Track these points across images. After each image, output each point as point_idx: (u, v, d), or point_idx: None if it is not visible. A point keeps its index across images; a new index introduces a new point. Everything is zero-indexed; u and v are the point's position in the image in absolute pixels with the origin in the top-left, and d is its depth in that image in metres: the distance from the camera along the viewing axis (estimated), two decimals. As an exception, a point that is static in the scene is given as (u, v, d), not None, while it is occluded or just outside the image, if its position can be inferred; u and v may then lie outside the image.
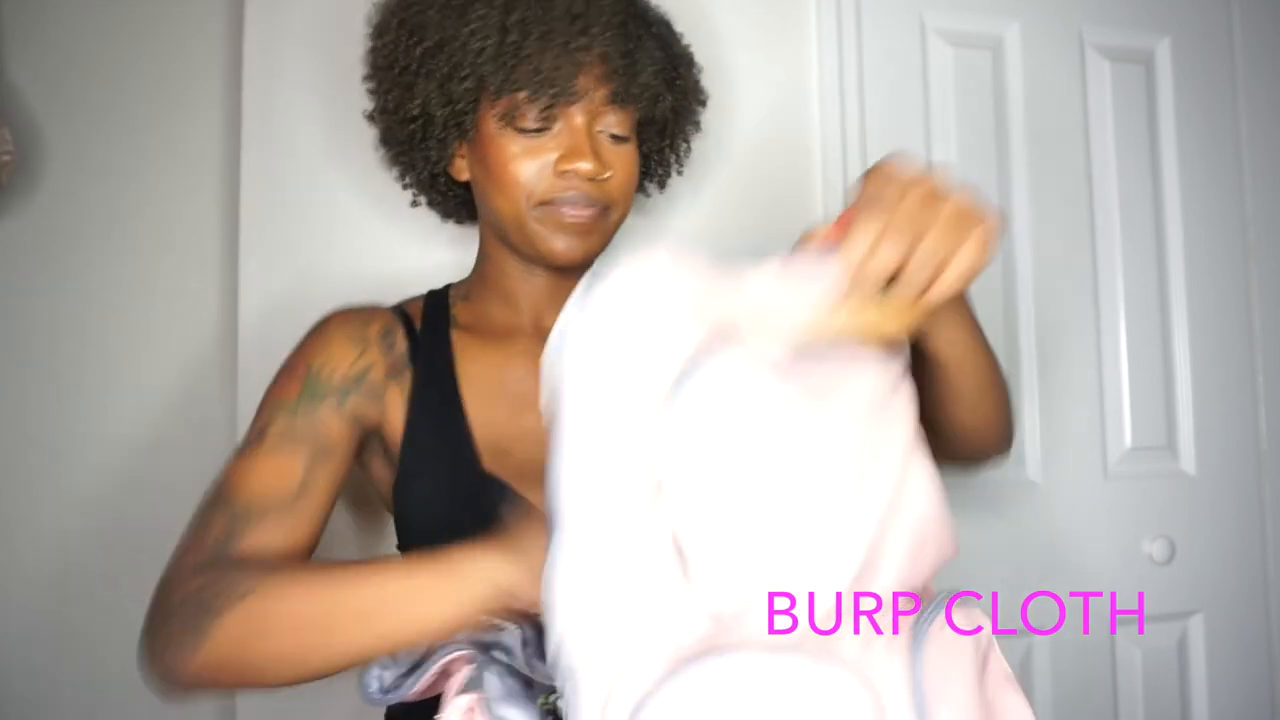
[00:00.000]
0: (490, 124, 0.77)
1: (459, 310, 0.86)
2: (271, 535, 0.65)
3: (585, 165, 0.74)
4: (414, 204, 0.95)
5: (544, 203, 0.76)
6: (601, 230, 0.79)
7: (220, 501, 0.66)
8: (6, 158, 1.01)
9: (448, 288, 0.89)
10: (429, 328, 0.82)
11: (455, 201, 0.93)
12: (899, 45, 1.28)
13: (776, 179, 1.23)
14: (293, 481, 0.67)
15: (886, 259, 0.52)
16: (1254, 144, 1.42)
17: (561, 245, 0.77)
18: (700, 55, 0.95)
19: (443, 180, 0.89)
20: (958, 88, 1.30)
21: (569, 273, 0.82)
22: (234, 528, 0.64)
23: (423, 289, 0.90)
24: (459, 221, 0.99)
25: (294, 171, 1.07)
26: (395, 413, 0.77)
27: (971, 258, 0.53)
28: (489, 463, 0.75)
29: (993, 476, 1.27)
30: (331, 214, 1.08)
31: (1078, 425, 1.31)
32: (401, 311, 0.83)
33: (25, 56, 1.09)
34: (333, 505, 0.72)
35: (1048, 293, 1.30)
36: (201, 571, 0.61)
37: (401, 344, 0.80)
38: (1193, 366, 1.36)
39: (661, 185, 0.97)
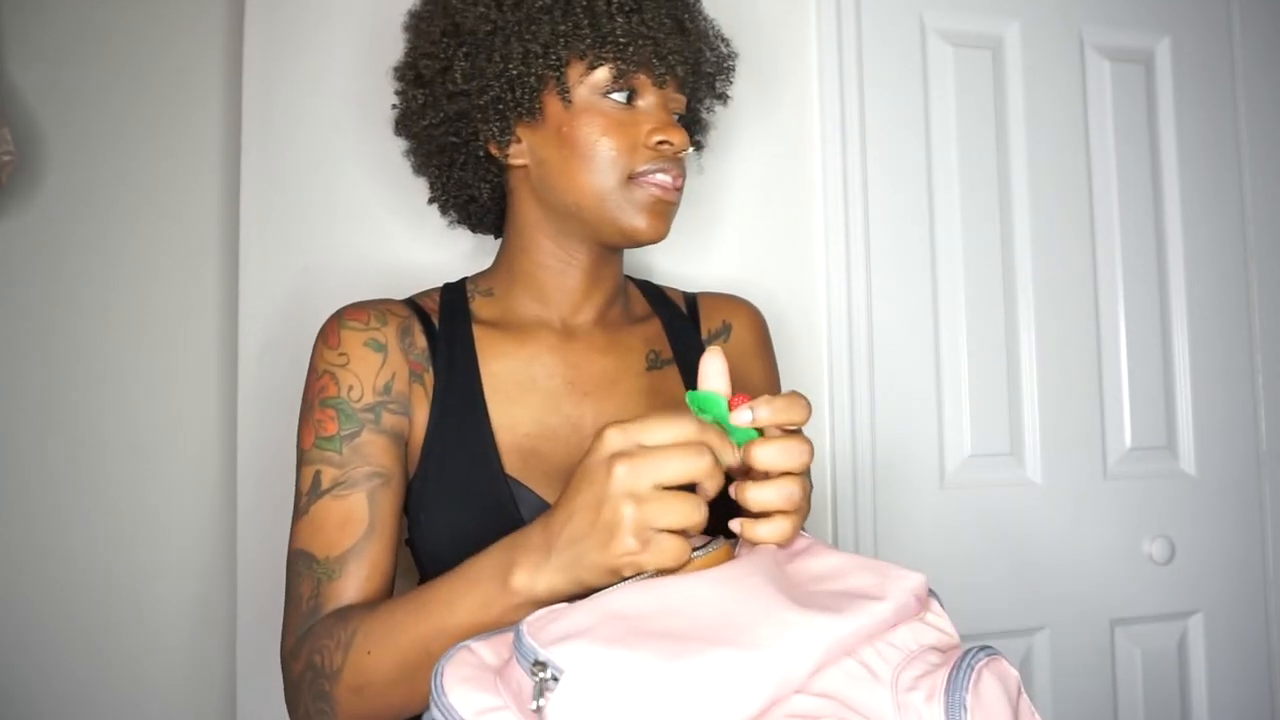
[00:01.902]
0: (580, 92, 0.76)
1: (478, 305, 0.84)
2: (355, 579, 0.69)
3: (679, 138, 0.76)
4: (445, 216, 0.93)
5: (636, 176, 0.76)
6: (675, 212, 0.80)
7: (302, 564, 0.70)
8: (6, 158, 1.01)
9: (464, 281, 0.87)
10: (448, 323, 0.81)
11: (483, 207, 0.90)
12: (899, 45, 1.28)
13: (775, 178, 1.23)
14: (360, 524, 0.71)
15: (784, 429, 0.55)
16: (1254, 144, 1.42)
17: (645, 223, 0.77)
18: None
19: (490, 171, 0.85)
20: (958, 88, 1.30)
21: (607, 263, 0.83)
22: (320, 586, 0.69)
23: (424, 288, 0.89)
24: (477, 229, 0.95)
25: (294, 171, 1.07)
26: (420, 415, 0.77)
27: (784, 534, 0.55)
28: (512, 466, 0.75)
29: (993, 476, 1.27)
30: (332, 214, 1.08)
31: (1078, 425, 1.31)
32: (415, 305, 0.81)
33: (25, 56, 1.09)
34: (401, 522, 0.75)
35: (1047, 292, 1.30)
36: (307, 638, 0.67)
37: (420, 341, 0.78)
38: (1193, 366, 1.36)
39: None
